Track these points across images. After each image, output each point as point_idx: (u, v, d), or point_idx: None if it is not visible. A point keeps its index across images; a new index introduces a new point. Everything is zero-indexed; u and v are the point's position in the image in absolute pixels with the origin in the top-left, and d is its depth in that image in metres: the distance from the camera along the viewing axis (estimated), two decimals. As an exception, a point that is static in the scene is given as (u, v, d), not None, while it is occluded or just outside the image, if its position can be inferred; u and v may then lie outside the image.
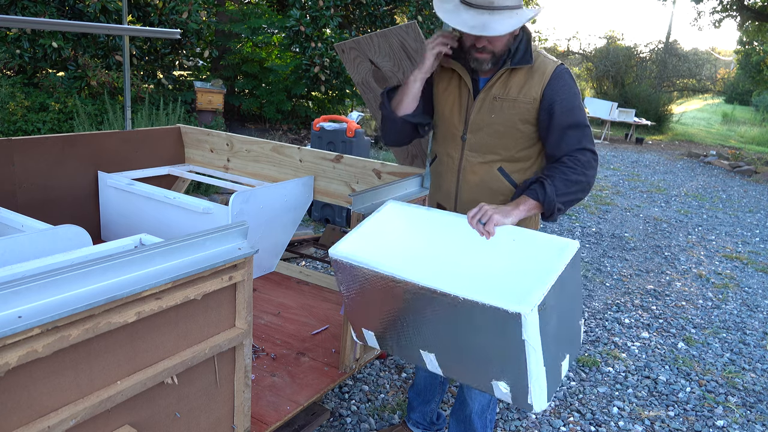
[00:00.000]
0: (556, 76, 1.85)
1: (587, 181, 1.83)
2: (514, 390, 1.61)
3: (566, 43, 23.86)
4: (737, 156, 11.98)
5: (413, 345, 1.77)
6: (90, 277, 1.31)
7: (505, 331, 1.50)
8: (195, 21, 7.98)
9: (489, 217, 1.76)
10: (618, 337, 3.74)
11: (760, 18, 14.81)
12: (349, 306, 1.88)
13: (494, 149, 1.93)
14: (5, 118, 6.23)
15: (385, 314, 1.78)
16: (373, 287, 1.73)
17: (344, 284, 1.83)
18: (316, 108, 10.42)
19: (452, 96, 1.99)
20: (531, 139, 1.93)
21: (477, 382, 1.71)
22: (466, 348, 1.64)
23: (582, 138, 1.84)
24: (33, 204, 3.03)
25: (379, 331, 1.86)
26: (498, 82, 1.88)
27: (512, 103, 1.87)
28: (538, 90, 1.85)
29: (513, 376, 1.59)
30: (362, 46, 2.53)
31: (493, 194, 1.96)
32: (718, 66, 26.33)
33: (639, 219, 6.71)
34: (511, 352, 1.53)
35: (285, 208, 3.10)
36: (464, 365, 1.69)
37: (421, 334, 1.72)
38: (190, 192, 5.00)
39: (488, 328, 1.53)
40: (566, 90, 1.85)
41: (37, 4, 6.72)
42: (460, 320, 1.58)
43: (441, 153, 2.07)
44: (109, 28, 3.64)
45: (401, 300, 1.68)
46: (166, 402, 1.58)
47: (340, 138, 5.03)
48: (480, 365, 1.64)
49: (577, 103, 1.87)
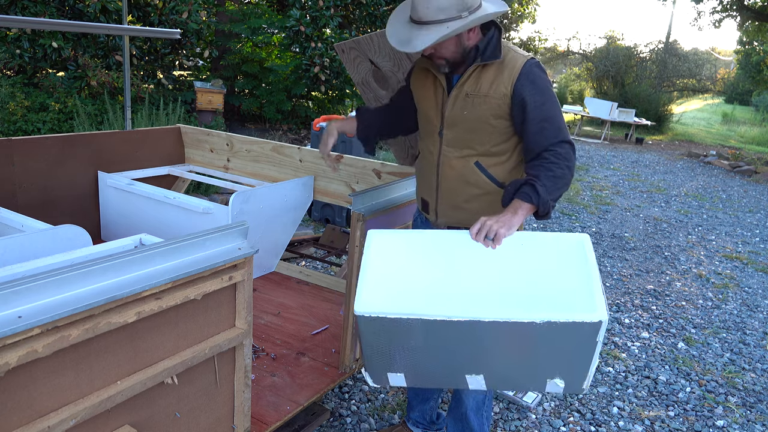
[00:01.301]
0: (525, 71, 1.87)
1: (570, 174, 1.86)
2: (569, 382, 1.63)
3: (566, 43, 23.84)
4: (737, 156, 11.98)
5: (457, 372, 1.70)
6: (90, 277, 1.31)
7: (580, 337, 1.53)
8: (195, 21, 7.98)
9: (495, 232, 1.75)
10: (618, 337, 3.74)
11: (760, 18, 14.80)
12: (372, 357, 1.72)
13: (470, 144, 1.97)
14: (5, 118, 6.23)
15: (423, 354, 1.67)
16: (412, 334, 1.63)
17: (372, 339, 1.67)
18: (316, 108, 10.42)
19: (429, 93, 2.04)
20: (505, 133, 1.95)
21: (527, 386, 1.69)
22: (523, 361, 1.62)
23: (558, 131, 1.87)
24: (33, 204, 3.03)
25: (411, 370, 1.73)
26: (470, 78, 1.92)
27: (483, 99, 1.90)
28: (508, 85, 1.87)
29: (573, 371, 1.61)
30: (362, 46, 2.53)
31: (470, 187, 2.00)
32: (718, 66, 26.33)
33: (639, 219, 6.72)
34: (579, 352, 1.56)
35: (285, 208, 3.10)
36: (516, 376, 1.66)
37: (470, 361, 1.66)
38: (190, 192, 5.00)
39: (560, 340, 1.54)
40: (537, 84, 1.87)
41: (37, 4, 6.72)
42: (526, 340, 1.56)
43: (423, 149, 2.13)
44: (109, 28, 3.64)
45: (447, 338, 1.61)
46: (166, 402, 1.58)
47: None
48: (536, 371, 1.63)
49: (548, 96, 1.88)
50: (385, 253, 1.82)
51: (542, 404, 2.95)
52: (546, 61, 22.97)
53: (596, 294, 1.55)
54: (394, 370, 1.73)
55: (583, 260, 1.66)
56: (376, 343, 1.67)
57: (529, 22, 18.89)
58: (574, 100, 20.56)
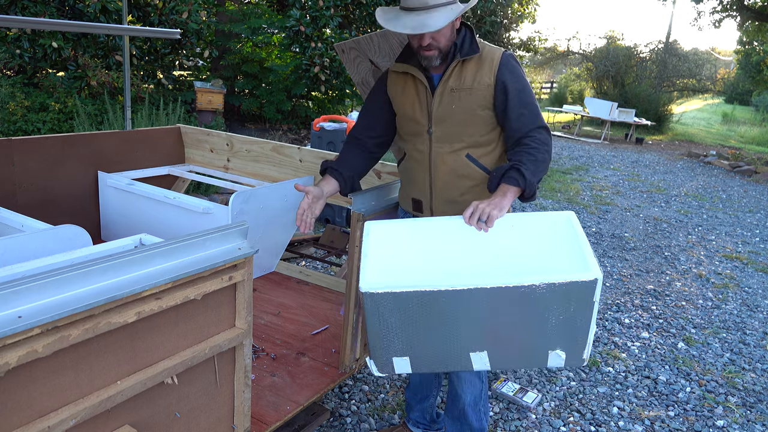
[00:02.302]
0: (504, 61, 1.99)
1: (549, 157, 2.00)
2: (570, 353, 1.68)
3: (566, 43, 23.82)
4: (737, 156, 11.98)
5: (461, 351, 1.74)
6: (90, 277, 1.31)
7: (579, 299, 1.60)
8: (195, 21, 7.98)
9: (488, 215, 1.84)
10: (618, 337, 3.74)
11: (760, 18, 14.80)
12: (376, 341, 1.74)
13: (460, 137, 2.04)
14: (5, 118, 6.23)
15: (428, 333, 1.71)
16: (416, 308, 1.66)
17: (377, 319, 1.70)
18: (316, 108, 10.42)
19: (411, 96, 2.09)
20: (491, 123, 2.05)
21: (529, 361, 1.73)
22: (525, 332, 1.66)
23: (535, 118, 2.00)
24: (33, 204, 3.03)
25: (416, 352, 1.76)
26: (452, 75, 2.00)
27: (469, 92, 1.99)
28: (491, 76, 1.98)
29: (572, 339, 1.66)
30: (362, 46, 2.53)
31: (464, 180, 2.07)
32: (718, 66, 26.32)
33: (639, 219, 6.72)
34: (578, 316, 1.62)
35: (285, 208, 3.10)
36: (519, 351, 1.71)
37: (473, 337, 1.70)
38: (190, 192, 5.00)
39: (559, 303, 1.61)
40: (515, 73, 2.00)
41: (37, 4, 6.72)
42: (527, 307, 1.62)
43: (410, 150, 2.15)
44: (109, 28, 3.64)
45: (451, 312, 1.65)
46: (166, 402, 1.58)
47: (340, 138, 5.03)
48: (537, 342, 1.68)
49: (525, 83, 2.02)
50: (383, 240, 1.90)
51: (542, 404, 2.95)
52: (546, 61, 23.00)
53: (588, 257, 1.64)
54: (398, 353, 1.76)
55: (572, 232, 1.77)
56: (381, 323, 1.70)
57: (529, 22, 18.88)
58: (574, 100, 20.55)
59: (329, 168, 2.17)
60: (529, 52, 16.96)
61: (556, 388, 3.10)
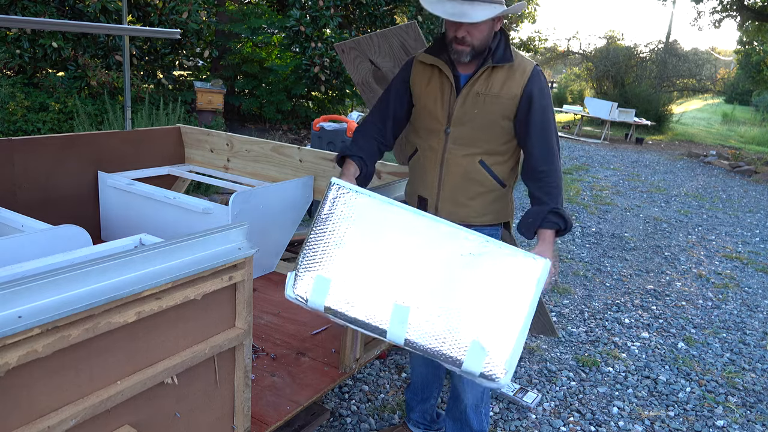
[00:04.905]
0: (535, 74, 1.98)
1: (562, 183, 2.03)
2: (491, 354, 1.58)
3: (566, 43, 23.82)
4: (737, 156, 11.97)
5: (385, 296, 1.65)
6: (90, 277, 1.31)
7: (518, 279, 1.60)
8: (195, 21, 7.98)
9: None
10: (618, 337, 3.74)
11: (760, 18, 14.80)
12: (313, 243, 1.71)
13: (476, 142, 2.02)
14: (5, 118, 6.23)
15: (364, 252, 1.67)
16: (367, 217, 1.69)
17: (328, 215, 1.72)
18: (316, 108, 10.42)
19: (434, 91, 2.05)
20: (510, 134, 2.04)
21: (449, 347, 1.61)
22: (454, 299, 1.62)
23: (555, 144, 2.00)
24: (33, 204, 3.03)
25: (341, 276, 1.67)
26: (480, 78, 1.98)
27: (494, 99, 1.97)
28: (520, 87, 1.96)
29: (497, 332, 1.59)
30: (362, 46, 2.53)
31: (475, 185, 2.05)
32: (718, 66, 26.33)
33: (639, 219, 6.72)
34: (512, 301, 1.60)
35: (285, 208, 3.10)
36: (442, 323, 1.61)
37: (404, 280, 1.64)
38: (190, 192, 5.00)
39: (496, 278, 1.61)
40: (543, 90, 1.99)
41: (37, 4, 6.72)
42: (467, 267, 1.62)
43: (423, 146, 2.12)
44: (109, 28, 3.64)
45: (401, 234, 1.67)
46: (166, 402, 1.58)
47: (340, 138, 5.03)
48: (463, 319, 1.60)
49: (550, 102, 2.01)
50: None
51: (542, 404, 2.95)
52: (546, 61, 22.98)
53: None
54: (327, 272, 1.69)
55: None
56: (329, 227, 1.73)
57: (529, 22, 18.90)
58: (574, 100, 20.55)
59: (345, 156, 2.13)
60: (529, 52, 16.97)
61: (556, 388, 3.10)
